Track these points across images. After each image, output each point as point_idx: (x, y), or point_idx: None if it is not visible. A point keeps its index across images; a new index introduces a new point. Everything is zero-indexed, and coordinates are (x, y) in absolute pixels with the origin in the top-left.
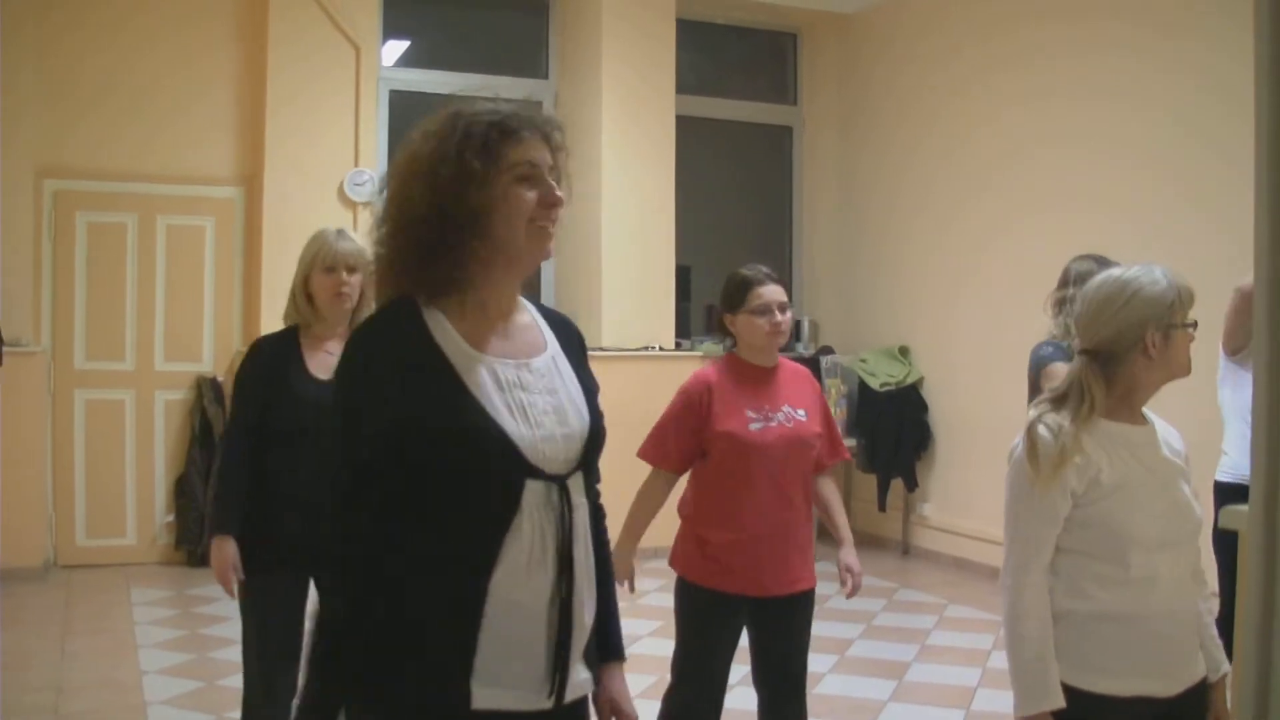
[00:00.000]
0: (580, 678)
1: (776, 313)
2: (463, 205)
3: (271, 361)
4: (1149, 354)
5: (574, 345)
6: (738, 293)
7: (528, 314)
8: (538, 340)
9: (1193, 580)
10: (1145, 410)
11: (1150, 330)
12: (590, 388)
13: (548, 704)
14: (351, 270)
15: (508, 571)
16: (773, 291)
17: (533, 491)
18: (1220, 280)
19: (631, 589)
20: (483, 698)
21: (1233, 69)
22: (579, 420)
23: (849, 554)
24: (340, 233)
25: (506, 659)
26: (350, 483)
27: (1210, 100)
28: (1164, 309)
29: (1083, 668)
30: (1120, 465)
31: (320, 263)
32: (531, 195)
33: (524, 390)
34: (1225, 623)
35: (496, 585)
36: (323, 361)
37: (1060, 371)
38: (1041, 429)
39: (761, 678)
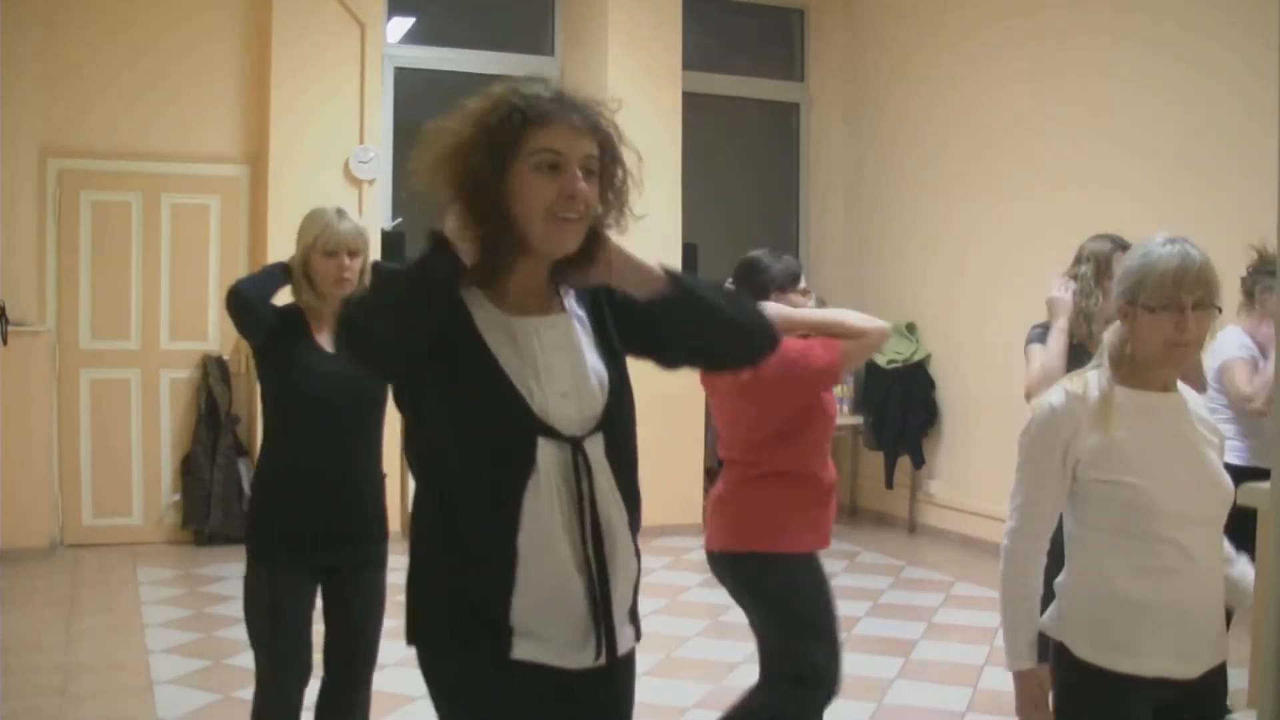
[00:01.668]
0: (625, 633)
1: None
2: (482, 191)
3: (281, 322)
4: (1127, 325)
5: (596, 304)
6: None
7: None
8: (553, 297)
9: (1220, 559)
10: (1180, 384)
11: (1122, 302)
12: (612, 348)
13: (596, 662)
14: (353, 254)
15: (533, 530)
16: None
17: (547, 451)
18: (1221, 260)
19: None
20: (523, 649)
21: (1232, 57)
22: (598, 380)
23: None
24: (340, 213)
25: (545, 616)
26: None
27: (1212, 82)
28: (1130, 284)
29: (1105, 646)
30: (1143, 434)
31: (321, 246)
32: (551, 185)
33: (540, 346)
34: None
35: (524, 542)
36: (329, 338)
37: (1034, 354)
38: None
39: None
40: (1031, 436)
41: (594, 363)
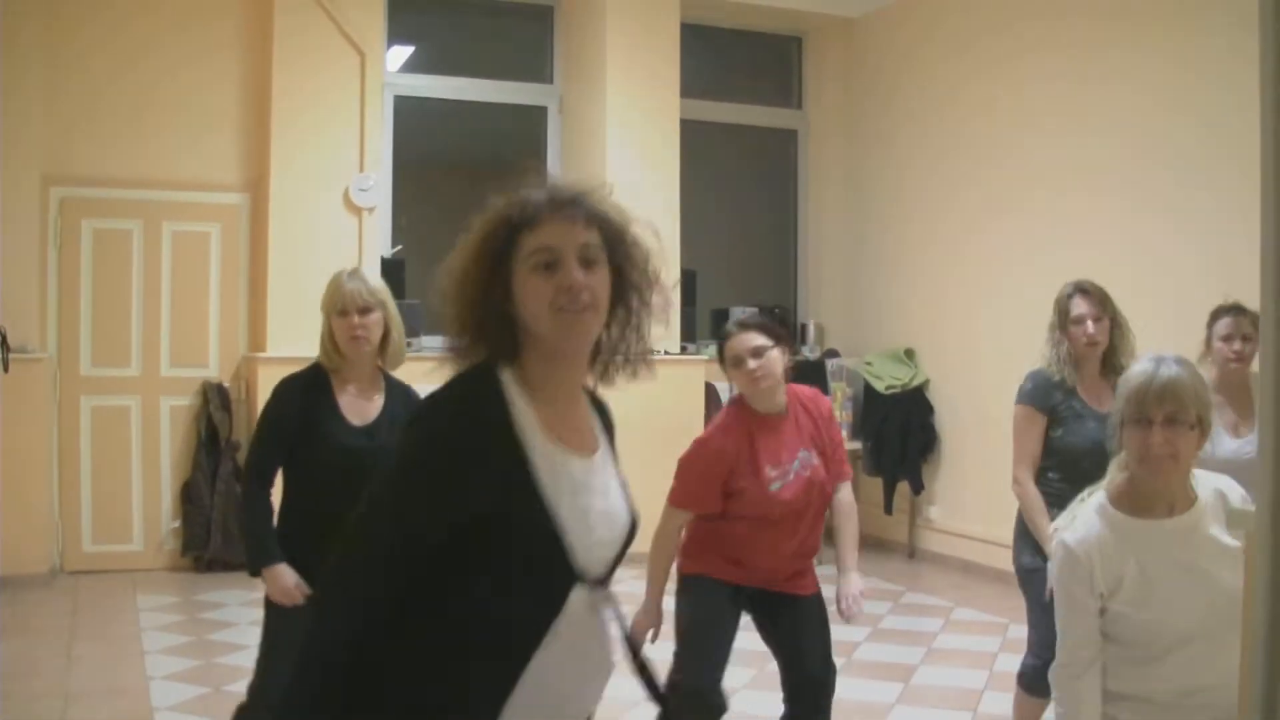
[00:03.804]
0: None
1: (749, 361)
2: (492, 299)
3: (304, 403)
4: (1120, 445)
5: (609, 431)
6: (720, 348)
7: (583, 399)
8: (593, 431)
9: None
10: (1198, 482)
11: (1118, 427)
12: (622, 481)
13: None
14: (364, 311)
15: (537, 672)
16: (740, 342)
17: (577, 597)
18: (1231, 271)
19: (654, 639)
20: None
21: (1233, 61)
22: (622, 524)
23: (849, 582)
24: (352, 274)
25: None
26: (392, 550)
27: (1190, 111)
28: (1120, 404)
29: None
30: (1150, 565)
31: (334, 307)
32: (547, 283)
33: (588, 493)
34: None
35: (523, 682)
36: (353, 405)
37: (1018, 415)
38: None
39: (785, 683)
40: (1059, 576)
41: (619, 501)
